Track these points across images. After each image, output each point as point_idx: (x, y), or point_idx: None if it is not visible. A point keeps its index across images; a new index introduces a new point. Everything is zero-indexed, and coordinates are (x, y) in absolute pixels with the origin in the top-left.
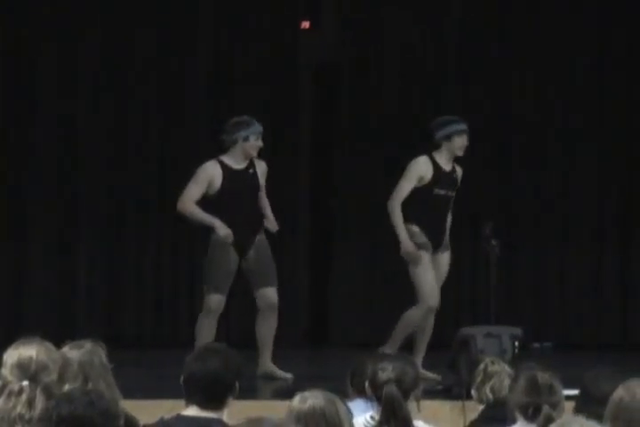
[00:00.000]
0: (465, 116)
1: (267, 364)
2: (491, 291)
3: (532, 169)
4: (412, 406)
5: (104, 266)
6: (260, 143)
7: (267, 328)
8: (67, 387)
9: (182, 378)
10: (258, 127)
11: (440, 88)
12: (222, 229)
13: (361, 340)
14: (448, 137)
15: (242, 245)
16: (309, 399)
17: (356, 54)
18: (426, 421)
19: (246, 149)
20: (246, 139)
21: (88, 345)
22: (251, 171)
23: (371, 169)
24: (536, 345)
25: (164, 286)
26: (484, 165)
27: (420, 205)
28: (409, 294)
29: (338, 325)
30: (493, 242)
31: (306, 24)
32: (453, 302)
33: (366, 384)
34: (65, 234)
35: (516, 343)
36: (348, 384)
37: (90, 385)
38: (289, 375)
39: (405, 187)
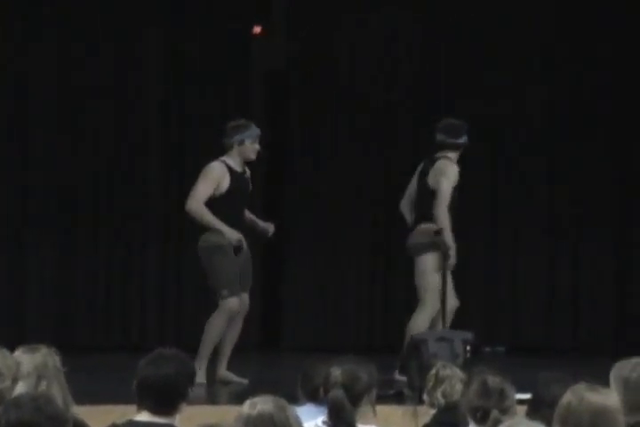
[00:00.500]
0: (415, 124)
1: (223, 370)
2: (443, 295)
3: (484, 170)
4: (366, 410)
5: (55, 271)
6: (256, 146)
7: (233, 333)
8: (18, 389)
9: (135, 383)
10: (255, 131)
11: (390, 93)
12: (234, 235)
13: (313, 344)
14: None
15: (237, 248)
16: (258, 405)
17: (307, 59)
18: (378, 426)
19: (243, 153)
20: (241, 142)
21: (42, 349)
22: (247, 175)
23: (323, 172)
24: (488, 349)
25: (115, 291)
26: None
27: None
28: (361, 298)
29: (291, 329)
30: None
31: (258, 29)
32: (405, 306)
33: (321, 389)
34: (15, 237)
35: (468, 347)
36: (298, 389)
37: (43, 388)
38: (245, 380)
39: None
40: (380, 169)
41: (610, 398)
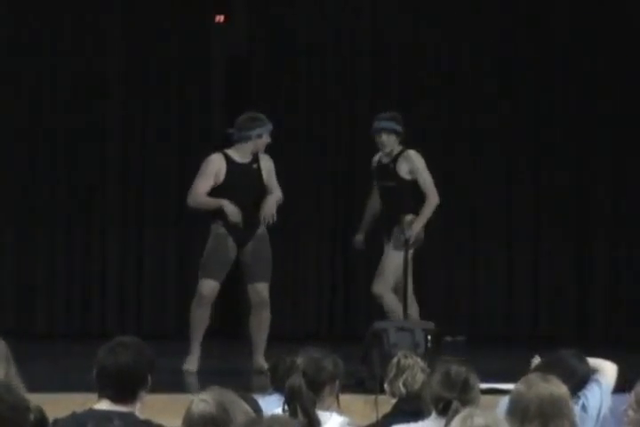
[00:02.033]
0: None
1: (258, 360)
2: (404, 285)
3: (444, 168)
4: (329, 400)
5: (13, 260)
6: (269, 140)
7: (257, 324)
8: None
9: (94, 371)
10: (270, 125)
11: (354, 84)
12: (229, 207)
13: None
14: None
15: (241, 238)
16: (200, 404)
17: (269, 48)
18: (338, 413)
19: (257, 146)
20: (259, 136)
21: None
22: (254, 165)
23: (284, 158)
24: (448, 339)
25: (75, 279)
26: None
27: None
28: (324, 286)
29: None
30: (405, 236)
31: (220, 18)
32: (367, 295)
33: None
34: None
35: (429, 337)
36: (268, 379)
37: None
38: None
39: None
40: (345, 156)
41: (559, 387)
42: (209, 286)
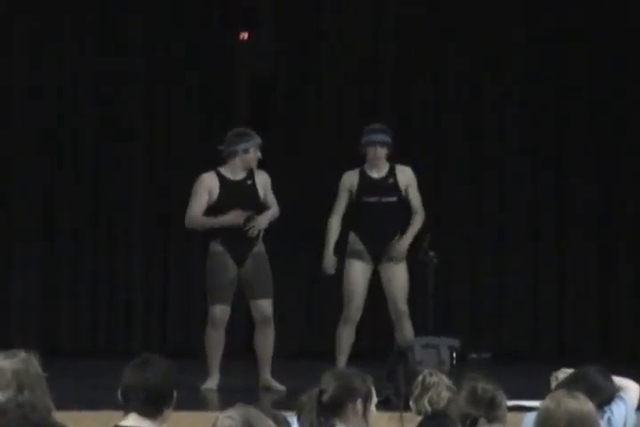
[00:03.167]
0: (399, 128)
1: (264, 376)
2: (428, 302)
3: (467, 182)
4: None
5: (39, 276)
6: (259, 155)
7: (263, 341)
8: (0, 396)
9: (120, 389)
10: (258, 139)
11: (376, 101)
12: (228, 216)
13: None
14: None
15: (239, 255)
16: (226, 421)
17: (293, 66)
18: None
19: (246, 161)
20: (246, 151)
21: (22, 354)
22: (249, 182)
23: (305, 182)
24: (474, 356)
25: (100, 296)
26: (421, 178)
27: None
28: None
29: None
30: (431, 253)
31: (244, 35)
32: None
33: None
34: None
35: (454, 354)
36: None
37: (25, 394)
38: (282, 388)
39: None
40: None
41: (587, 404)
42: (219, 311)
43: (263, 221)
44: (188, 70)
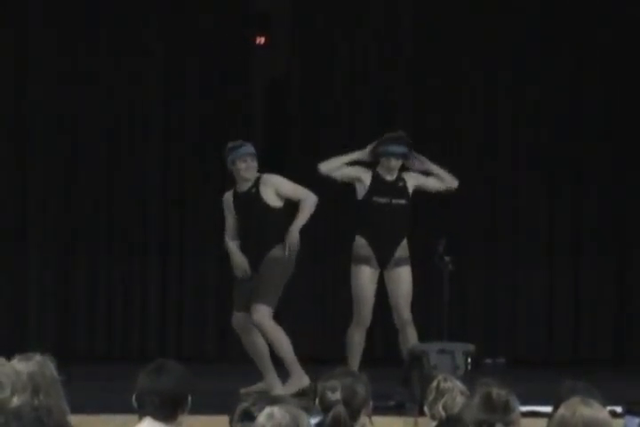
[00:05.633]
0: (414, 133)
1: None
2: (443, 307)
3: (484, 185)
4: (364, 421)
5: (54, 280)
6: (249, 164)
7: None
8: (16, 399)
9: (135, 393)
10: (243, 150)
11: (390, 106)
12: (237, 269)
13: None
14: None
15: (254, 262)
16: (276, 416)
17: (308, 71)
18: None
19: (238, 172)
20: (233, 163)
21: (37, 357)
22: (253, 190)
23: (321, 185)
24: (489, 361)
25: (115, 301)
26: None
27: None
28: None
29: None
30: (446, 258)
31: (261, 40)
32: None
33: (316, 402)
34: (15, 248)
35: (469, 359)
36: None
37: (41, 398)
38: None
39: None
40: None
41: (602, 411)
42: (235, 318)
43: (294, 236)
44: (203, 74)
